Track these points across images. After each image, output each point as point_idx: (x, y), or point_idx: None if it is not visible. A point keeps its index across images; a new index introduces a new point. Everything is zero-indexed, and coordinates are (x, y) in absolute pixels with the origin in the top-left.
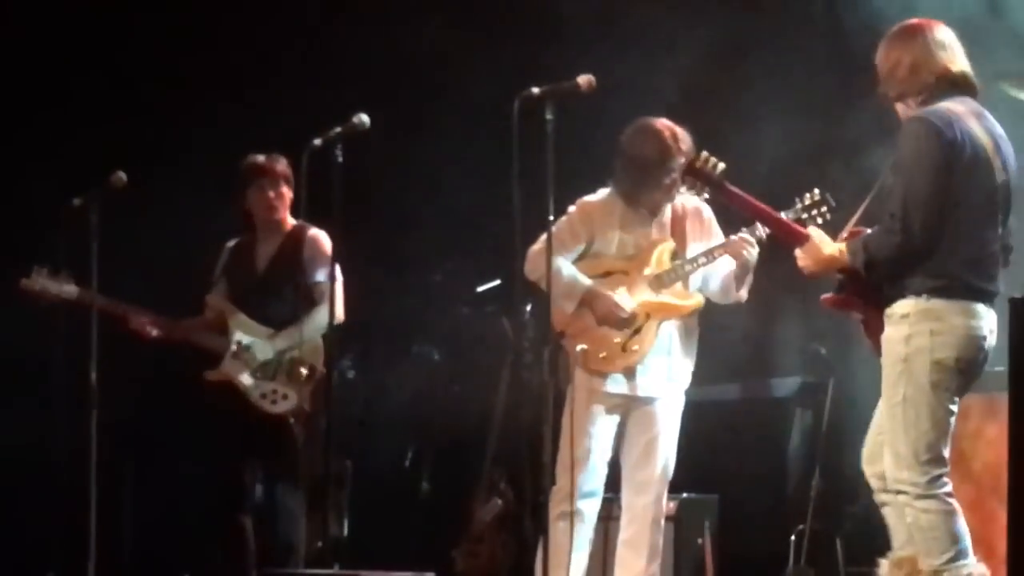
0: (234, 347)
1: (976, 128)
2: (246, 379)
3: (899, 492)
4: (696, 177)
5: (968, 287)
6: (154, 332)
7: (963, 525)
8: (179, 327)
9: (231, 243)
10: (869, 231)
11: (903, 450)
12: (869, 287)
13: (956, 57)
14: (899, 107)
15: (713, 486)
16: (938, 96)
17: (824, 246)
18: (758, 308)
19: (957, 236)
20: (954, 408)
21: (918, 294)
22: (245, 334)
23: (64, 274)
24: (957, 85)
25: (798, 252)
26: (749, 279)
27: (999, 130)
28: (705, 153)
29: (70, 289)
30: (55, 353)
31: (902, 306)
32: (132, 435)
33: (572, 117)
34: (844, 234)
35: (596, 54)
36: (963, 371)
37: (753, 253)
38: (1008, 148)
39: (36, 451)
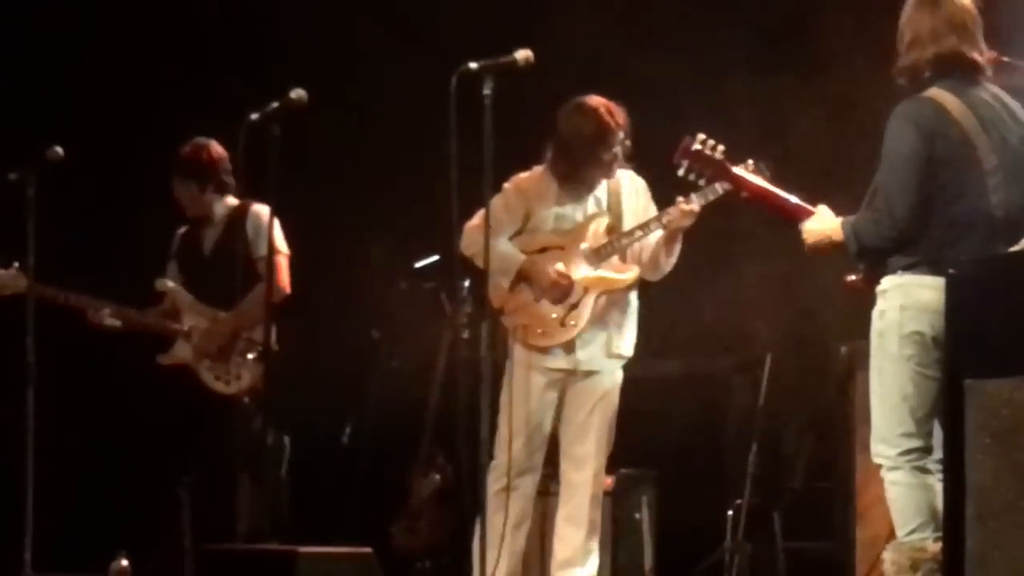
0: (186, 330)
1: (961, 115)
2: (199, 361)
3: (878, 465)
4: (695, 161)
5: (939, 263)
6: (114, 323)
7: (933, 501)
8: (139, 317)
9: (181, 230)
10: (856, 216)
11: (878, 423)
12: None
13: (966, 35)
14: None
15: (651, 461)
16: (934, 79)
17: (826, 221)
18: (696, 282)
19: (934, 219)
20: (934, 382)
21: (894, 271)
22: (195, 317)
23: (14, 267)
24: (958, 67)
25: (804, 226)
26: (677, 247)
27: (997, 112)
28: (702, 135)
29: (20, 283)
30: None
31: (883, 283)
32: (73, 413)
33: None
34: None
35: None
36: (938, 346)
37: (687, 222)
38: (1006, 128)
39: None
